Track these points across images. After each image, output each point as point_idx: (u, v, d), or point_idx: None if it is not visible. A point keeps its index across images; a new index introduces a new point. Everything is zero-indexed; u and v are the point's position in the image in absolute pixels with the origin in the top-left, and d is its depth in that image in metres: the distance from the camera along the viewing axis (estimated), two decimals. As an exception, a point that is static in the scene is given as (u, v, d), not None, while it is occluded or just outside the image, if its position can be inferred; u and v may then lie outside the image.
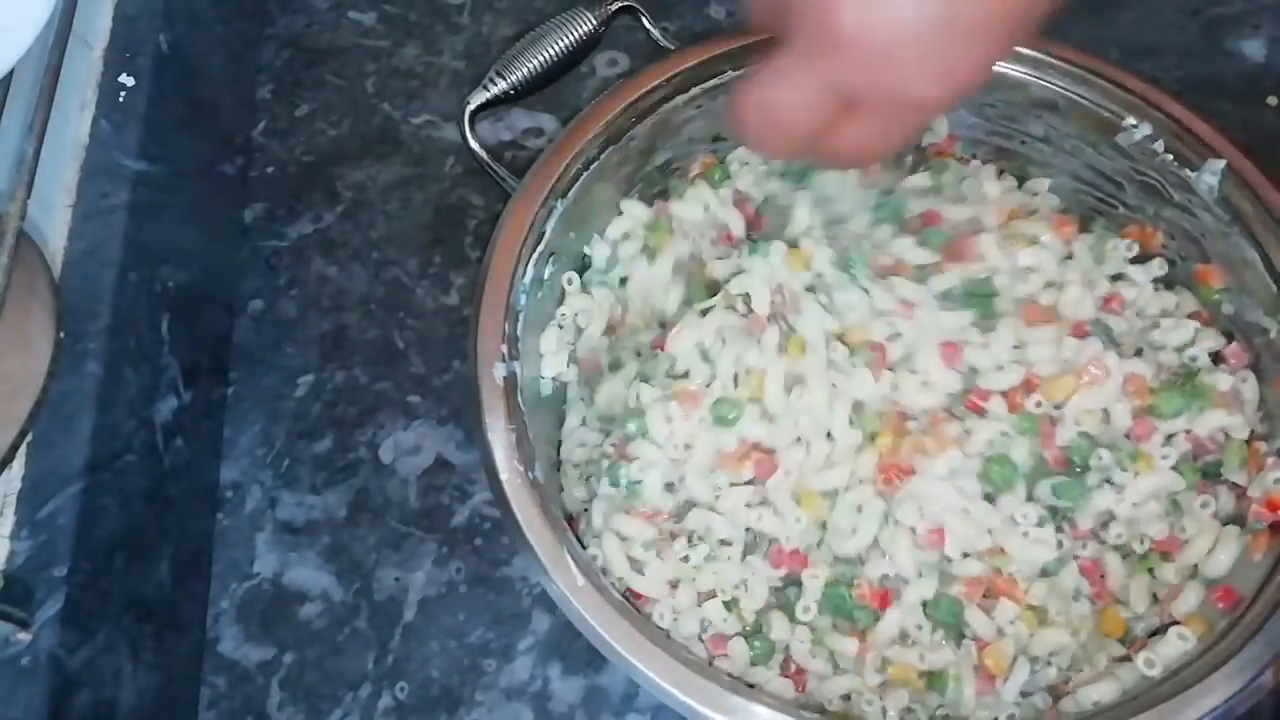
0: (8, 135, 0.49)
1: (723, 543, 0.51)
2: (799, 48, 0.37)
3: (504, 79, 0.59)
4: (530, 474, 0.50)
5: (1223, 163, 0.54)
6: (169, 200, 0.60)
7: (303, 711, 0.56)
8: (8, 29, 0.47)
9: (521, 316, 0.54)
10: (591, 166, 0.57)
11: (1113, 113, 0.57)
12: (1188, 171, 0.55)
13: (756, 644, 0.50)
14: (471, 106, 0.58)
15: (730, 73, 0.59)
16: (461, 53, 0.75)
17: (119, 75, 0.59)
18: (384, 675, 0.57)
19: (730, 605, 0.51)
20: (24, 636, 0.46)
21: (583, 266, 0.60)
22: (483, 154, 0.59)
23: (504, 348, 0.52)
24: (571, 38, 0.59)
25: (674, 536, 0.51)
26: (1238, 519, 0.51)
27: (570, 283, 0.59)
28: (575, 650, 0.56)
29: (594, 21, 0.60)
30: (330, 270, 0.68)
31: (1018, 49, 0.57)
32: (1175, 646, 0.48)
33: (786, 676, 0.50)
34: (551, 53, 0.59)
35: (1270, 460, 0.51)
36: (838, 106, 0.38)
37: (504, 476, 0.49)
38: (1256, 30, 0.71)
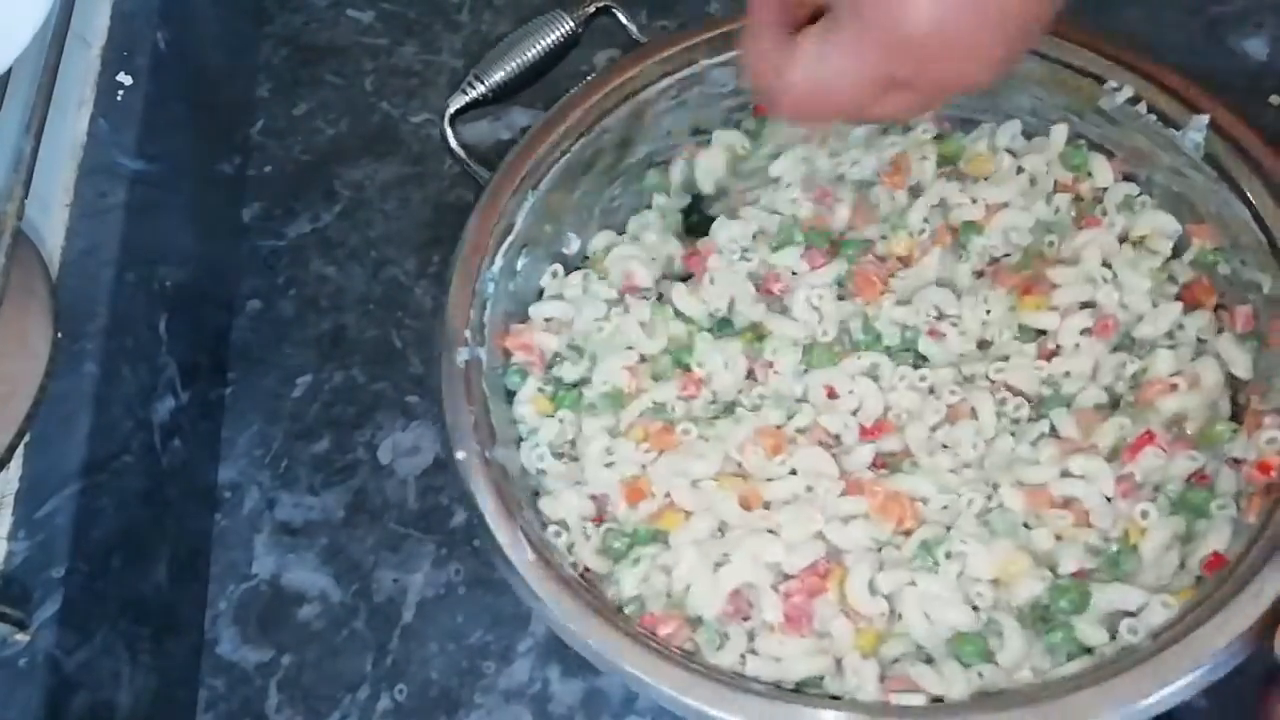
0: (5, 134, 0.49)
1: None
2: (856, 32, 0.39)
3: (482, 82, 0.59)
4: (488, 453, 0.50)
5: (1205, 118, 0.54)
6: (167, 199, 0.60)
7: (301, 713, 0.56)
8: (6, 27, 0.47)
9: (489, 304, 0.54)
10: (564, 158, 0.58)
11: (1094, 77, 0.57)
12: (1173, 131, 0.55)
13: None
14: (451, 110, 0.59)
15: (703, 62, 0.59)
16: (460, 51, 0.75)
17: (117, 74, 0.58)
18: (383, 677, 0.56)
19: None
20: (22, 637, 0.46)
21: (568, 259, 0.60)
22: (462, 154, 0.59)
23: (468, 333, 0.53)
24: (549, 39, 0.60)
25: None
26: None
27: (555, 275, 0.59)
28: (575, 652, 0.56)
29: (571, 23, 0.60)
30: (328, 270, 0.68)
31: None
32: (1159, 615, 0.46)
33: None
34: (529, 55, 0.60)
35: (1268, 420, 0.50)
36: (885, 86, 0.40)
37: (460, 456, 0.50)
38: (1259, 29, 0.71)
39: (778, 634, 0.48)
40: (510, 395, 0.55)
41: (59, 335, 0.51)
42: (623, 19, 0.62)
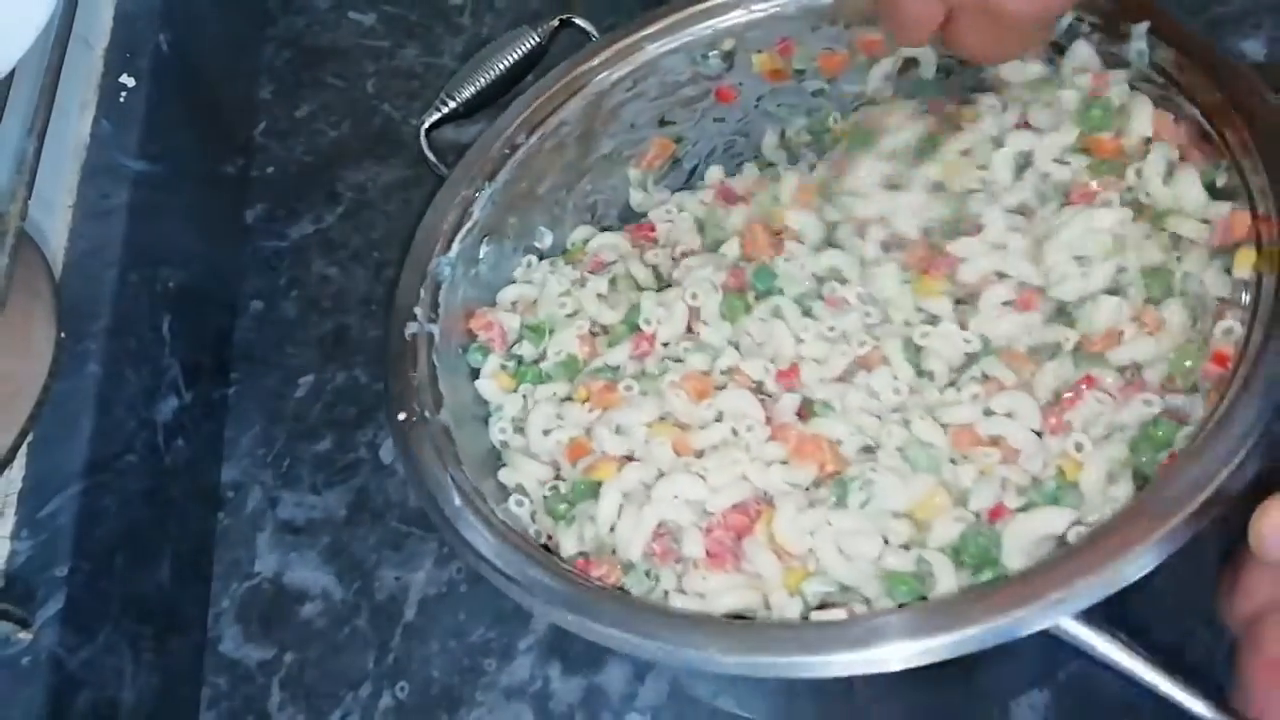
0: (8, 135, 0.49)
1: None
2: None
3: (453, 99, 0.62)
4: (428, 413, 0.51)
5: (1145, 25, 0.53)
6: (169, 200, 0.60)
7: (303, 711, 0.56)
8: (9, 29, 0.47)
9: (445, 287, 0.55)
10: (518, 151, 0.59)
11: None
12: (1120, 47, 0.54)
13: None
14: (425, 125, 0.62)
15: (651, 48, 0.60)
16: (461, 54, 0.75)
17: (120, 75, 0.59)
18: (384, 675, 0.57)
19: None
20: (24, 636, 0.46)
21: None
22: (442, 169, 0.61)
23: (417, 310, 0.54)
24: (514, 55, 0.62)
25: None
26: None
27: (530, 265, 0.59)
28: (575, 650, 0.56)
29: (536, 38, 0.63)
30: (331, 271, 0.68)
31: None
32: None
33: None
34: (494, 72, 0.62)
35: (1228, 312, 0.47)
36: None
37: (400, 417, 0.50)
38: (1257, 29, 0.71)
39: (701, 570, 0.47)
40: (475, 374, 0.56)
41: (62, 335, 0.51)
42: (584, 25, 0.63)
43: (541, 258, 0.60)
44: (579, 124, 0.60)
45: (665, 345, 0.55)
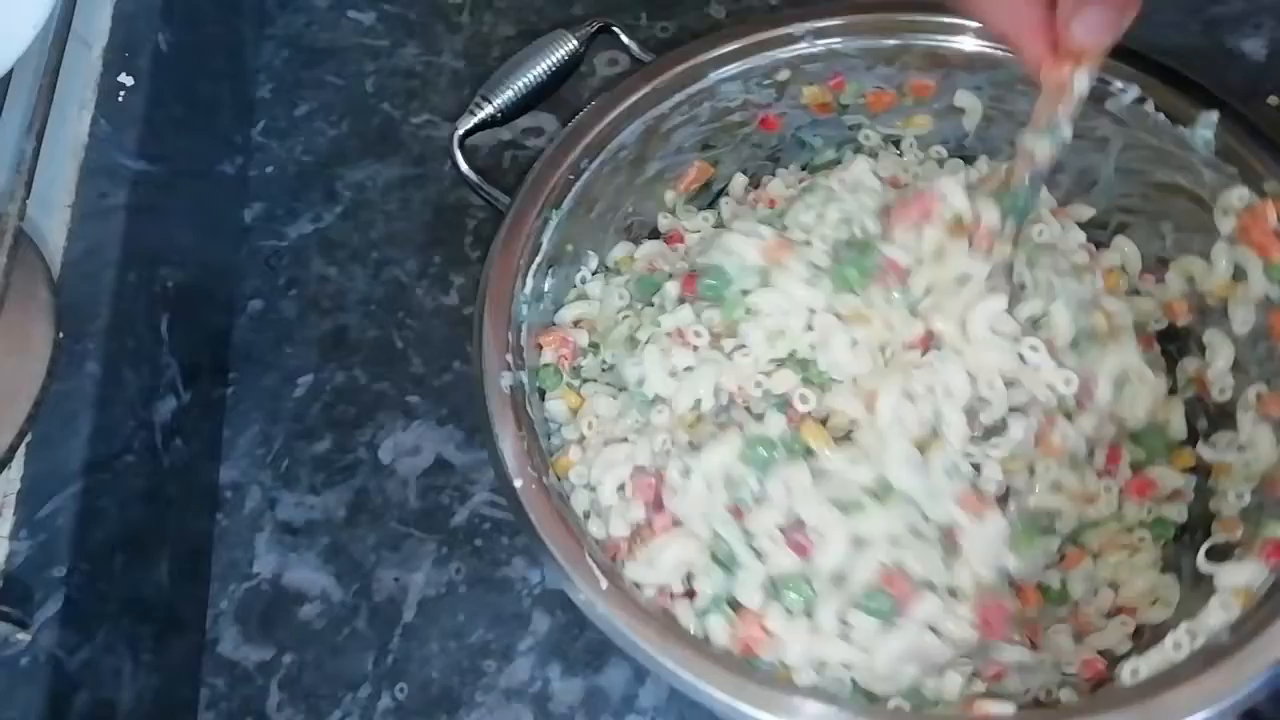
0: (7, 135, 0.49)
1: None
2: None
3: (490, 103, 0.60)
4: (544, 479, 0.50)
5: (1215, 114, 0.54)
6: (168, 200, 0.60)
7: (302, 712, 0.56)
8: (7, 28, 0.47)
9: (524, 327, 0.54)
10: (582, 177, 0.58)
11: (1100, 79, 0.56)
12: (1181, 129, 0.55)
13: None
14: (460, 132, 0.60)
15: (713, 76, 0.59)
16: (461, 52, 0.75)
17: (118, 75, 0.59)
18: (383, 676, 0.57)
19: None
20: (23, 637, 0.46)
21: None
22: (474, 177, 0.59)
23: (509, 358, 0.52)
24: (554, 59, 0.61)
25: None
26: None
27: (585, 280, 0.59)
28: (575, 651, 0.56)
29: (574, 43, 0.61)
30: (330, 270, 0.68)
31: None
32: (1218, 617, 0.46)
33: None
34: (533, 76, 0.61)
35: None
36: None
37: (518, 484, 0.49)
38: (1257, 30, 0.71)
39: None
40: (542, 395, 0.56)
41: (61, 335, 0.51)
42: (623, 38, 0.62)
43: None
44: (635, 148, 0.60)
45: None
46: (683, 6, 0.74)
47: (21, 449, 0.49)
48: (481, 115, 0.60)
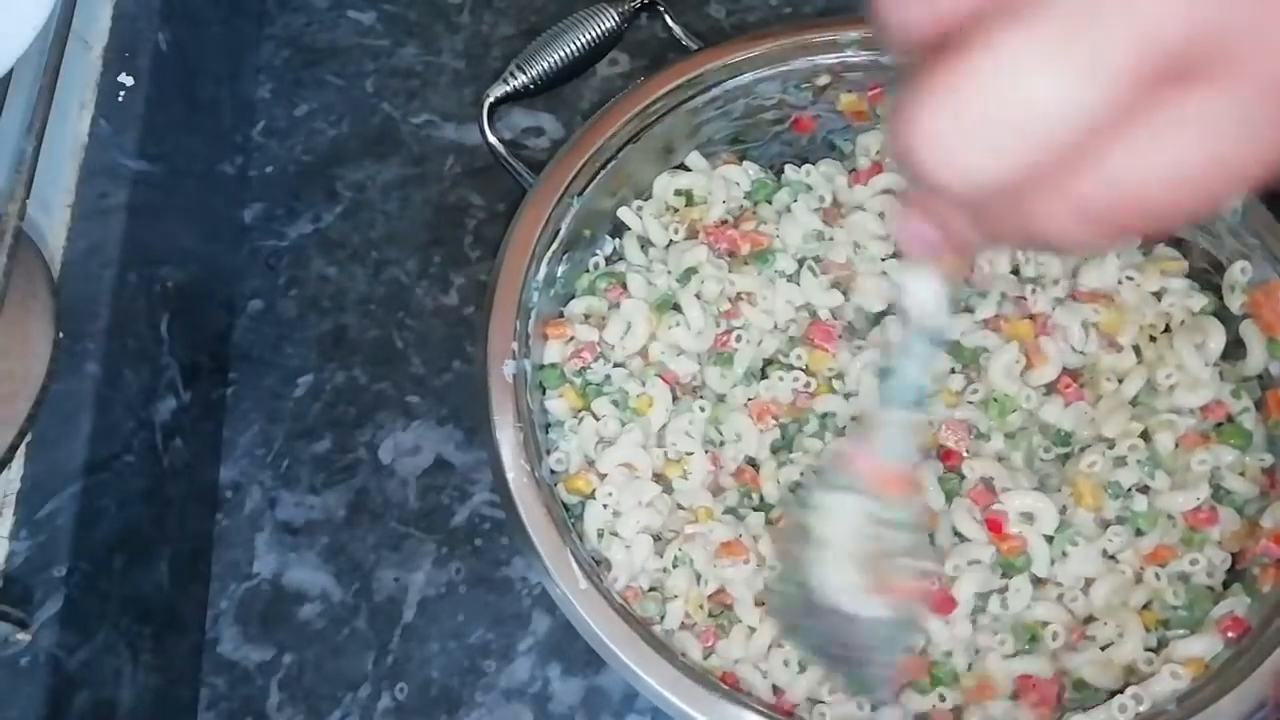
0: (7, 135, 0.49)
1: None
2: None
3: (524, 73, 0.58)
4: (536, 472, 0.49)
5: (1244, 264, 0.53)
6: (168, 200, 0.60)
7: (302, 712, 0.56)
8: (7, 29, 0.47)
9: (534, 314, 0.54)
10: (609, 165, 0.57)
11: None
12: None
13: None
14: (490, 99, 0.58)
15: (751, 75, 0.59)
16: (461, 52, 0.75)
17: (118, 75, 0.58)
18: (383, 676, 0.57)
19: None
20: (23, 637, 0.46)
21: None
22: (500, 148, 0.58)
23: (514, 345, 0.52)
24: (593, 34, 0.60)
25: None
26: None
27: (596, 267, 0.59)
28: (575, 651, 0.56)
29: (616, 18, 0.60)
30: (330, 270, 0.68)
31: None
32: (1167, 685, 0.47)
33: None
34: (573, 48, 0.59)
35: None
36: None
37: (510, 475, 0.49)
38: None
39: None
40: (543, 390, 0.56)
41: (60, 335, 0.51)
42: (669, 20, 0.61)
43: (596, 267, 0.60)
44: (665, 138, 0.59)
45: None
46: (683, 5, 0.74)
47: (21, 449, 0.49)
48: (515, 84, 0.58)
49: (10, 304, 0.45)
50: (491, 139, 0.58)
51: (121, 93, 0.58)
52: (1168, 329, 0.56)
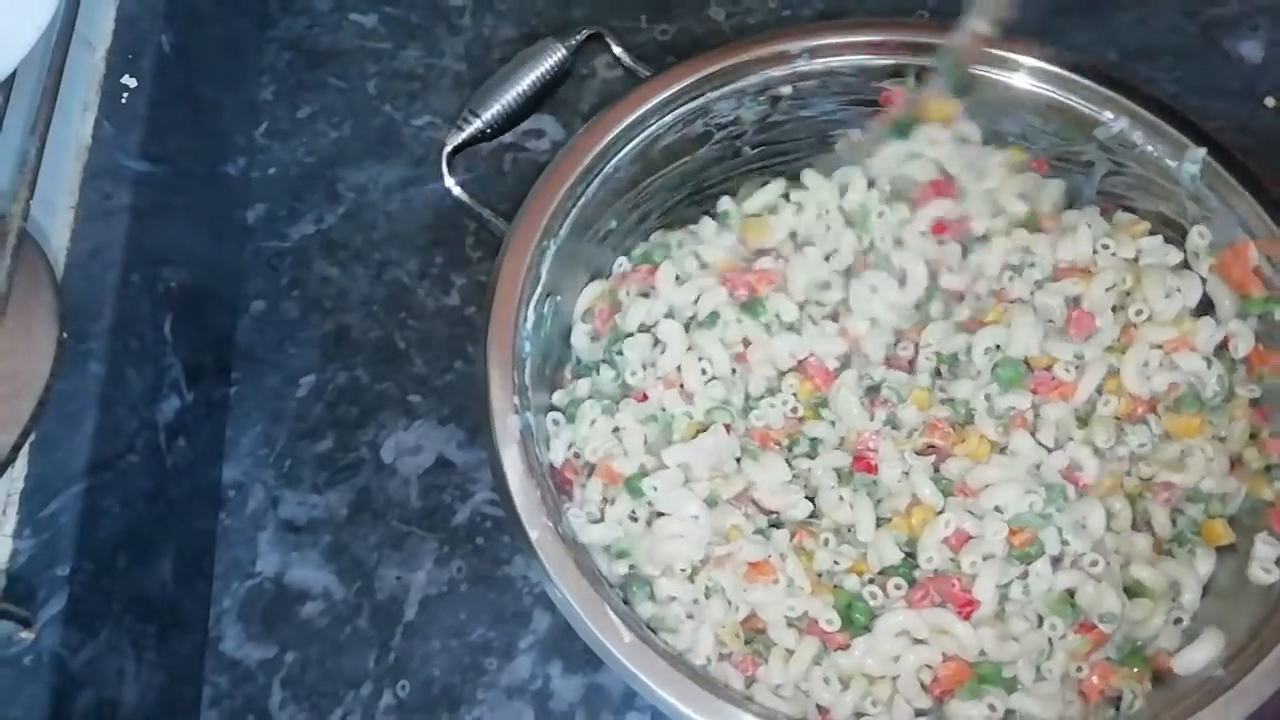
0: (10, 136, 0.49)
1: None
2: None
3: (478, 117, 0.58)
4: (559, 528, 0.49)
5: (1202, 151, 0.54)
6: (171, 201, 0.60)
7: (304, 710, 0.56)
8: (10, 30, 0.47)
9: (528, 363, 0.54)
10: (579, 203, 0.57)
11: (1090, 109, 0.57)
12: (1168, 161, 0.55)
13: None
14: (449, 148, 0.58)
15: (708, 95, 0.59)
16: (463, 55, 0.75)
17: (121, 76, 0.59)
18: (385, 674, 0.57)
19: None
20: (27, 635, 0.46)
21: None
22: (465, 198, 0.58)
23: (515, 399, 0.52)
24: (542, 69, 0.59)
25: None
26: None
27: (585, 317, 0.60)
28: (575, 649, 0.57)
29: (563, 51, 0.59)
30: (332, 271, 0.68)
31: (992, 51, 0.57)
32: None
33: None
34: (523, 88, 0.59)
35: None
36: None
37: (533, 535, 0.49)
38: (1254, 32, 0.71)
39: None
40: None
41: (64, 336, 0.51)
42: (614, 48, 0.61)
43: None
44: (630, 168, 0.59)
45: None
46: (683, 9, 0.74)
47: (25, 448, 0.49)
48: (470, 130, 0.58)
49: (14, 305, 0.45)
50: (455, 190, 0.58)
51: (125, 94, 0.58)
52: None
